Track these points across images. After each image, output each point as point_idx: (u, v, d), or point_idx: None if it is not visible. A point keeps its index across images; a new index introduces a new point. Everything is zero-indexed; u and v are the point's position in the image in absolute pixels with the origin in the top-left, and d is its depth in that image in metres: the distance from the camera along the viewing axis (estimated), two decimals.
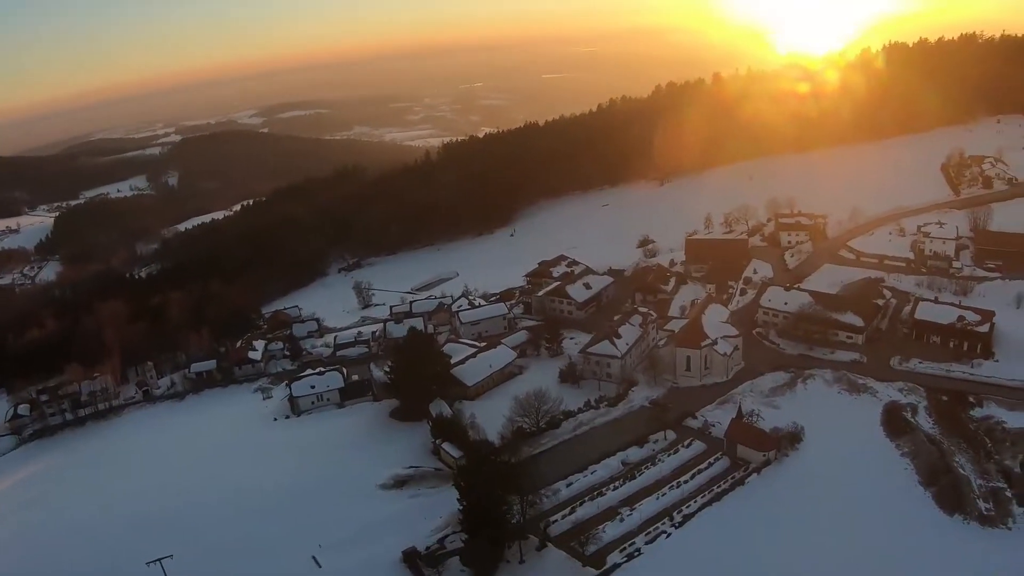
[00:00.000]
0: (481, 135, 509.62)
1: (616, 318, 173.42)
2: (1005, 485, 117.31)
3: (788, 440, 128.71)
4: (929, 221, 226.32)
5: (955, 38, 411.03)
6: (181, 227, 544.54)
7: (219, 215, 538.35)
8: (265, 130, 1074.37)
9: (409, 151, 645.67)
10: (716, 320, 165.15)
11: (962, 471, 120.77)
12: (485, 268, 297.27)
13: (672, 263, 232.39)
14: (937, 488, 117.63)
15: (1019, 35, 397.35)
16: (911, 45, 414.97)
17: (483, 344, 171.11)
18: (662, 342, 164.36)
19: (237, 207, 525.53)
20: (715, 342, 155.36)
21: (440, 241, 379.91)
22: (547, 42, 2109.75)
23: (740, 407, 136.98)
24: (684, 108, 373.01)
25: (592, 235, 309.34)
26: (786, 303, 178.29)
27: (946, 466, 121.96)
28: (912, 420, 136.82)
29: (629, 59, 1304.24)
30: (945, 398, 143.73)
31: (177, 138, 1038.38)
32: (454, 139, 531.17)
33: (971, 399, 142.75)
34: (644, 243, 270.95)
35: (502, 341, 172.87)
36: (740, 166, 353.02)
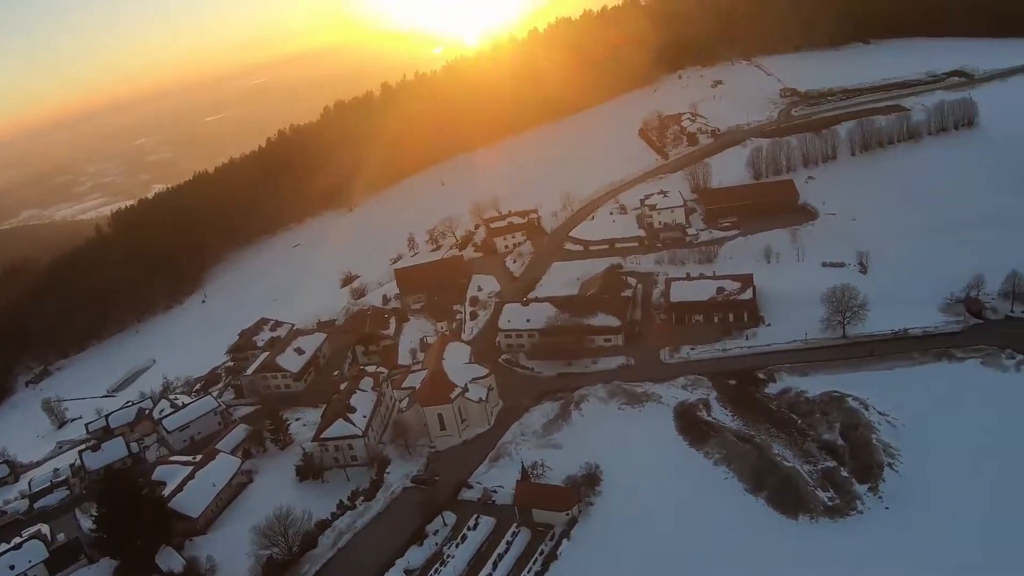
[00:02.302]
0: (152, 195, 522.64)
1: (343, 386, 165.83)
2: (835, 463, 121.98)
3: (586, 485, 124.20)
4: (650, 192, 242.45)
5: (620, 4, 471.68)
6: None
7: None
8: None
9: (84, 227, 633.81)
10: (459, 362, 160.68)
11: (787, 463, 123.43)
12: (184, 346, 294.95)
13: (386, 299, 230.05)
14: (768, 491, 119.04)
15: None
16: (576, 19, 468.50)
17: (199, 458, 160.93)
18: (403, 403, 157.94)
19: None
20: (465, 389, 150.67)
21: (130, 323, 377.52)
22: (209, 83, 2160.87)
23: (522, 464, 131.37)
24: (357, 125, 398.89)
25: (290, 282, 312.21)
26: (528, 320, 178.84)
27: (769, 463, 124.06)
28: (710, 419, 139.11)
29: (297, 85, 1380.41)
30: (733, 382, 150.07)
31: None
32: (123, 206, 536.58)
33: (760, 375, 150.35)
34: (348, 281, 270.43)
35: (219, 448, 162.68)
36: (429, 173, 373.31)
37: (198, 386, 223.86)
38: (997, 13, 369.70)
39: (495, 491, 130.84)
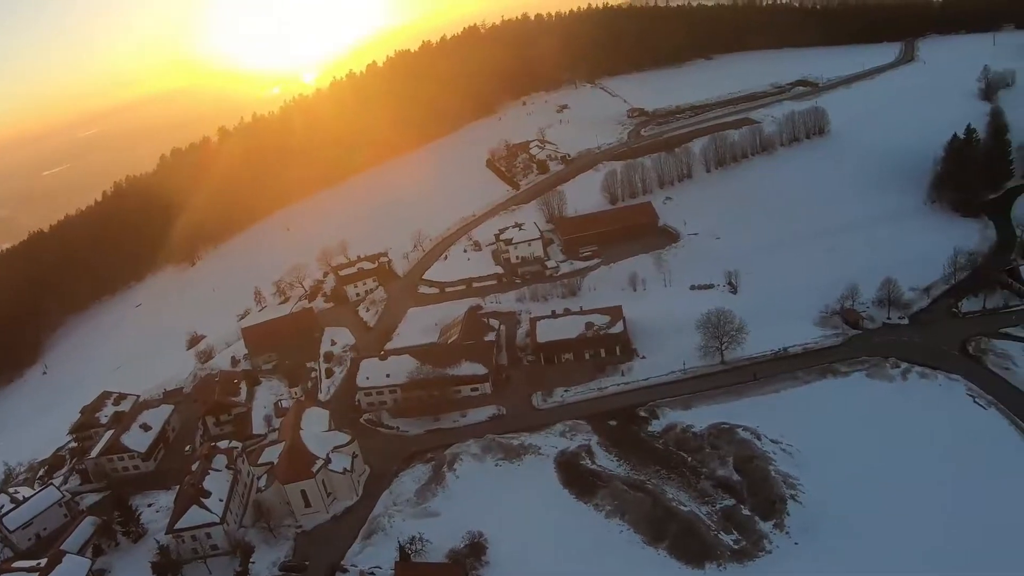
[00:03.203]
0: None
1: (195, 467, 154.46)
2: (734, 501, 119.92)
3: (472, 557, 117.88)
4: (504, 225, 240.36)
5: (458, 34, 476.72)
6: None
7: None
8: None
9: None
10: (318, 429, 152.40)
11: (684, 508, 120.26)
12: (26, 425, 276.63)
13: (235, 360, 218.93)
14: (669, 541, 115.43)
15: (518, 17, 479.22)
16: (415, 51, 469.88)
17: (43, 563, 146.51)
18: (262, 480, 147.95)
19: None
20: (328, 460, 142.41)
21: None
22: (47, 134, 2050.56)
23: (399, 543, 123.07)
24: (195, 173, 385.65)
25: (135, 347, 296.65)
26: (388, 375, 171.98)
27: (665, 510, 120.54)
28: (596, 467, 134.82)
29: (136, 133, 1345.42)
30: (614, 423, 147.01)
31: None
32: None
33: (642, 413, 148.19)
34: (194, 342, 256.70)
35: (65, 548, 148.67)
36: (273, 219, 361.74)
37: (42, 471, 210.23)
38: (831, 23, 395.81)
39: (372, 573, 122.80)
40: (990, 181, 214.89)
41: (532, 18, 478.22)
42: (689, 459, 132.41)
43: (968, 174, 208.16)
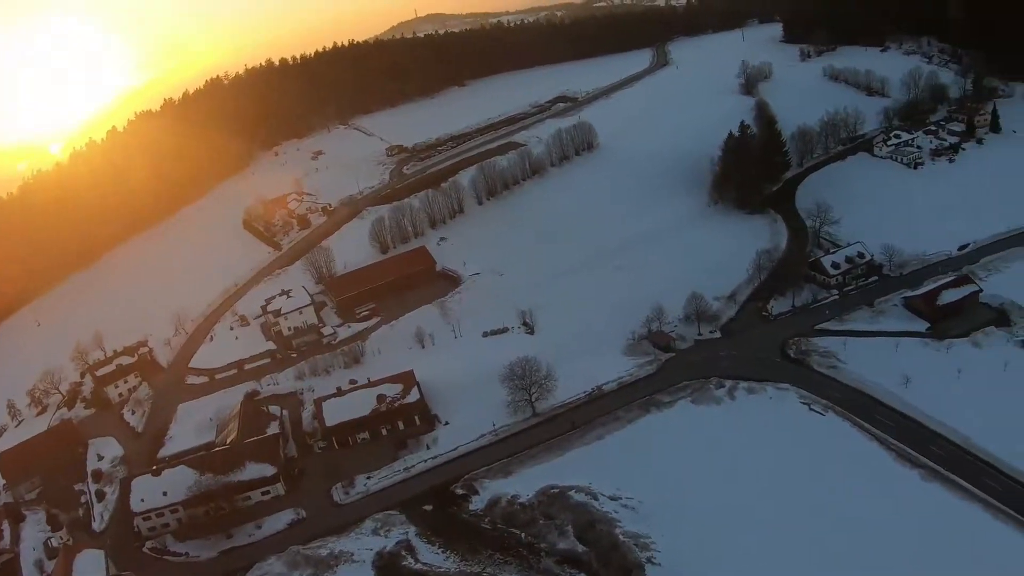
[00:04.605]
0: None
1: None
2: (580, 573, 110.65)
3: None
4: (271, 294, 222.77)
5: (202, 87, 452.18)
6: None
7: None
8: None
9: None
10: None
11: None
12: None
13: None
14: None
15: (261, 64, 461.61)
16: (157, 110, 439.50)
17: None
18: None
19: None
20: None
21: None
22: None
23: None
24: None
25: None
26: (165, 493, 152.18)
27: None
28: (421, 566, 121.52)
29: None
30: (430, 507, 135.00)
31: None
32: None
33: (459, 490, 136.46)
34: None
35: None
36: (23, 314, 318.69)
37: None
38: (581, 36, 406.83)
39: None
40: (769, 174, 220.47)
41: (276, 63, 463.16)
42: (523, 535, 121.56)
43: (748, 170, 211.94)
